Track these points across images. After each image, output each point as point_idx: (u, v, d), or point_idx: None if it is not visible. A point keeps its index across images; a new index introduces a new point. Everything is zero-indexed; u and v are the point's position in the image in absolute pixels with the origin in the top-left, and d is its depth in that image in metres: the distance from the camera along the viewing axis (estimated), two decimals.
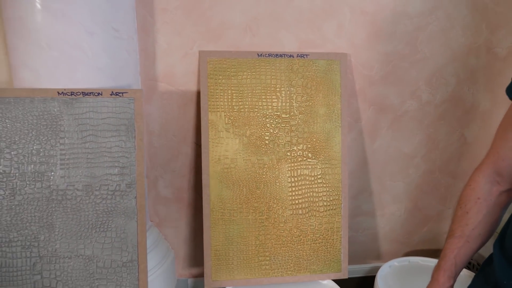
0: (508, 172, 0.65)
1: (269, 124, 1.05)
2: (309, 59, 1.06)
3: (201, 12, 0.99)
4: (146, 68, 1.01)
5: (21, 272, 0.84)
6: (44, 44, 0.83)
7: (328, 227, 1.09)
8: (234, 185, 1.05)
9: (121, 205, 0.87)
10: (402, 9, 1.07)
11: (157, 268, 1.04)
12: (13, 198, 0.84)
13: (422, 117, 1.19)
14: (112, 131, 0.86)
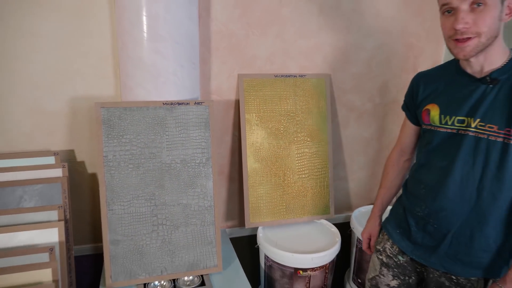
0: (406, 149, 1.31)
1: (282, 120, 1.67)
2: (306, 78, 1.70)
3: (239, 50, 1.59)
4: (204, 85, 1.58)
5: (144, 215, 1.38)
6: (154, 73, 1.37)
7: (321, 185, 1.74)
8: (261, 160, 1.66)
9: (203, 171, 1.44)
10: (362, 45, 1.74)
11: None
12: (138, 170, 1.37)
13: (375, 114, 1.87)
14: (196, 126, 1.43)
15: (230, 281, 1.43)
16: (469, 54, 1.00)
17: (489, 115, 1.02)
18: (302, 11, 1.61)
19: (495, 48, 1.01)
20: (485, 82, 1.03)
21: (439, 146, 1.12)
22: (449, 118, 1.09)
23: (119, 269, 1.37)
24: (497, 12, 0.95)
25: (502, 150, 1.00)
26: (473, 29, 0.96)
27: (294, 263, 1.49)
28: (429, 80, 1.19)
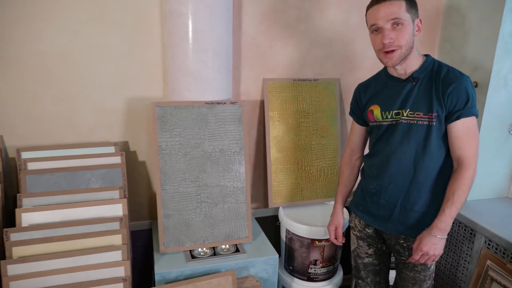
0: (356, 148, 1.61)
1: (300, 117, 2.01)
2: (319, 82, 2.04)
3: (264, 58, 1.93)
4: (235, 88, 1.92)
5: (190, 194, 1.71)
6: (198, 78, 1.70)
7: (331, 172, 2.07)
8: (282, 150, 2.00)
9: (237, 159, 1.77)
10: (366, 54, 2.09)
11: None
12: (186, 157, 1.70)
13: None
14: (232, 122, 1.76)
15: (259, 248, 1.76)
16: (395, 62, 1.35)
17: (415, 105, 1.37)
18: (315, 26, 1.95)
19: (412, 56, 1.37)
20: (409, 81, 1.40)
21: (383, 136, 1.47)
22: (388, 113, 1.44)
23: (170, 238, 1.70)
24: (411, 29, 1.32)
25: (427, 131, 1.35)
26: (395, 43, 1.31)
27: (311, 234, 1.83)
28: (367, 88, 1.55)
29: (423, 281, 1.48)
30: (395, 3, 1.31)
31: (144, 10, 1.71)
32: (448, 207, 1.32)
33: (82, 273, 1.46)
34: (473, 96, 1.34)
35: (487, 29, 1.89)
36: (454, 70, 1.36)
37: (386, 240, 1.54)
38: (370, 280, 1.65)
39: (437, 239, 1.33)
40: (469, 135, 1.32)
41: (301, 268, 1.92)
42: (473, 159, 1.33)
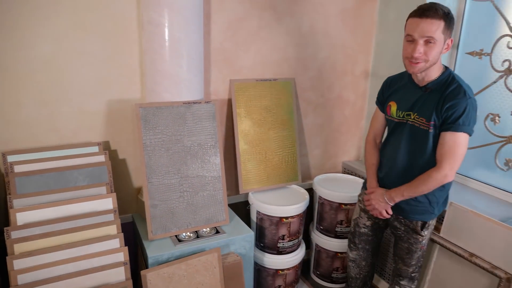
0: (378, 133, 1.93)
1: (263, 112, 2.32)
2: (278, 81, 2.37)
3: (231, 62, 2.20)
4: (206, 88, 2.17)
5: (173, 185, 1.93)
6: (176, 81, 1.93)
7: (291, 159, 2.42)
8: (249, 143, 2.29)
9: (213, 151, 2.03)
10: (315, 56, 2.46)
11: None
12: (168, 152, 1.92)
13: (326, 106, 2.61)
14: (207, 119, 2.01)
15: (235, 229, 2.05)
16: (417, 72, 1.61)
17: (421, 111, 1.65)
18: (274, 33, 2.27)
19: (433, 68, 1.60)
20: (423, 89, 1.66)
21: (393, 131, 1.80)
22: (401, 112, 1.74)
23: (157, 226, 1.91)
24: (441, 48, 1.53)
25: (426, 135, 1.65)
26: (423, 57, 1.53)
27: (279, 213, 2.16)
28: (392, 84, 1.84)
29: (414, 252, 1.83)
30: (435, 22, 1.48)
31: (122, 19, 1.89)
32: (406, 187, 1.68)
33: (86, 262, 1.63)
34: (469, 116, 1.55)
35: None
36: (460, 89, 1.56)
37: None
38: (361, 247, 2.02)
39: (383, 200, 1.73)
40: (454, 147, 1.57)
41: (271, 244, 2.24)
42: (448, 165, 1.58)
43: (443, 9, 1.53)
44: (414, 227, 1.79)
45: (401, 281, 1.94)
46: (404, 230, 1.84)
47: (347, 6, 2.43)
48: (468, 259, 1.92)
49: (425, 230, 1.79)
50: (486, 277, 1.87)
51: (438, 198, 1.75)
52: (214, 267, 1.86)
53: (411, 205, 1.75)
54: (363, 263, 2.09)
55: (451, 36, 1.58)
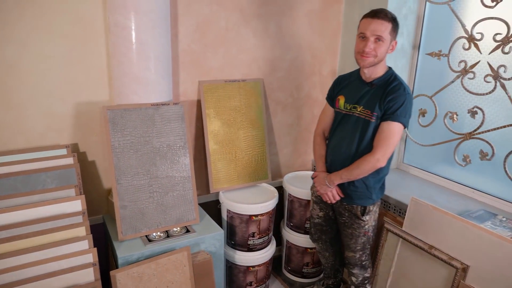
0: (326, 127, 2.09)
1: (232, 113, 2.39)
2: (247, 82, 2.43)
3: (199, 63, 2.25)
4: (175, 90, 2.22)
5: (143, 186, 1.98)
6: (144, 83, 1.97)
7: (261, 158, 2.50)
8: (219, 142, 2.36)
9: (182, 152, 2.08)
10: (284, 57, 2.54)
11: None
12: (137, 153, 1.96)
13: (295, 106, 2.70)
14: (176, 120, 2.06)
15: (206, 227, 2.11)
16: (367, 65, 1.83)
17: (367, 104, 1.86)
18: (241, 35, 2.34)
19: (379, 66, 1.85)
20: (369, 85, 1.88)
21: (340, 122, 1.97)
22: (348, 105, 1.93)
23: (127, 226, 1.96)
24: (387, 47, 1.79)
25: (369, 125, 1.84)
26: (373, 53, 1.77)
27: (249, 211, 2.23)
28: (342, 81, 2.04)
29: (358, 236, 2.00)
30: (385, 23, 1.74)
31: (88, 22, 1.91)
32: (344, 170, 1.88)
33: (54, 264, 1.66)
34: (406, 109, 1.78)
35: None
36: (400, 86, 1.80)
37: (333, 204, 2.01)
38: (317, 237, 2.22)
39: (325, 182, 1.93)
40: (389, 135, 1.79)
41: (241, 241, 2.32)
42: (381, 151, 1.79)
43: (392, 14, 1.78)
44: (356, 212, 1.96)
45: (352, 270, 2.09)
46: (348, 216, 2.00)
47: (314, 7, 2.52)
48: (428, 251, 2.04)
49: (366, 216, 1.96)
50: (444, 267, 2.00)
51: (373, 184, 1.93)
52: (184, 266, 1.92)
53: (351, 191, 1.94)
54: (326, 253, 2.25)
55: (395, 39, 1.83)
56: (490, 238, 1.81)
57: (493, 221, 1.99)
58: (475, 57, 2.16)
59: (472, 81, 2.20)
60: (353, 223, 2.00)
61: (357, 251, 2.04)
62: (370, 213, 1.98)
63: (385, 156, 1.82)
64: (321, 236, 2.21)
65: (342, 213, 2.02)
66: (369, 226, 2.01)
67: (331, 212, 2.11)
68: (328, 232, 2.20)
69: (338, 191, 1.95)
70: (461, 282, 1.90)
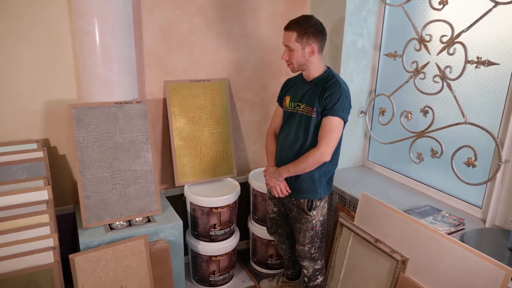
0: (277, 126, 2.23)
1: (197, 111, 2.56)
2: (212, 82, 2.60)
3: (164, 64, 2.43)
4: (141, 89, 2.40)
5: (106, 178, 2.17)
6: (107, 83, 2.16)
7: (226, 154, 2.66)
8: (184, 139, 2.53)
9: (144, 147, 2.27)
10: (249, 58, 2.69)
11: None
12: (100, 148, 2.16)
13: (262, 104, 2.85)
14: (138, 117, 2.25)
15: (166, 218, 2.29)
16: (293, 71, 2.03)
17: (308, 101, 2.01)
18: (205, 36, 2.51)
19: (312, 68, 2.01)
20: (310, 84, 2.04)
21: (287, 120, 2.12)
22: (293, 103, 2.09)
23: (91, 215, 2.16)
24: (299, 53, 1.93)
25: (311, 121, 1.99)
26: (289, 60, 1.99)
27: (209, 203, 2.41)
28: (289, 83, 2.20)
29: (306, 230, 2.15)
30: (288, 33, 1.93)
31: (55, 27, 2.11)
32: (291, 164, 2.02)
33: (17, 247, 1.87)
34: (343, 104, 1.91)
35: (335, 39, 2.60)
36: (337, 83, 1.94)
37: (283, 199, 2.17)
38: (273, 230, 2.39)
39: (274, 176, 2.08)
40: (330, 129, 1.92)
41: (204, 232, 2.49)
42: (325, 145, 1.92)
43: (298, 23, 1.92)
44: (303, 207, 2.10)
45: (303, 262, 2.23)
46: (296, 211, 2.15)
47: (277, 10, 2.67)
48: (374, 244, 2.17)
49: (313, 211, 2.10)
50: (388, 260, 2.13)
51: (319, 177, 2.06)
52: (141, 252, 2.10)
53: (299, 184, 2.07)
54: (283, 246, 2.41)
55: (310, 43, 1.93)
56: (426, 233, 1.93)
57: (435, 216, 2.11)
58: (425, 58, 2.28)
59: (424, 81, 2.31)
60: (301, 218, 2.14)
61: (306, 244, 2.18)
62: (317, 208, 2.12)
63: (328, 150, 1.95)
64: (277, 229, 2.37)
65: (292, 208, 2.17)
66: (316, 221, 2.15)
67: (283, 207, 2.27)
68: (283, 227, 2.35)
69: (286, 186, 2.09)
70: (401, 274, 2.03)
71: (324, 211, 2.18)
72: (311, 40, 1.93)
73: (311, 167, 2.00)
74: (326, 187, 2.13)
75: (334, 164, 2.12)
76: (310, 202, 2.09)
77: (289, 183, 2.09)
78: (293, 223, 2.21)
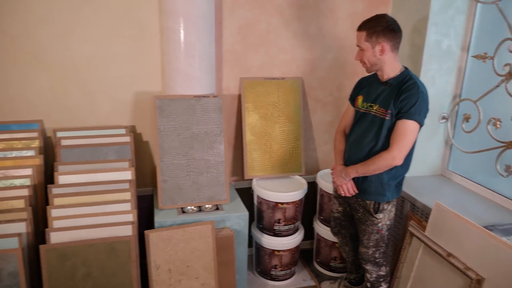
0: (347, 125, 2.23)
1: (270, 108, 2.65)
2: (286, 80, 2.67)
3: (241, 61, 2.57)
4: (218, 85, 2.56)
5: (182, 165, 2.36)
6: (188, 78, 2.35)
7: (295, 152, 2.71)
8: (255, 134, 2.64)
9: (218, 139, 2.42)
10: (324, 57, 2.70)
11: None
12: (178, 137, 2.36)
13: (335, 104, 2.84)
14: (214, 111, 2.41)
15: (234, 208, 2.41)
16: (367, 71, 2.03)
17: (382, 102, 1.97)
18: (281, 35, 2.59)
19: (385, 67, 1.96)
20: (384, 84, 2.00)
21: (358, 121, 2.11)
22: (366, 104, 2.07)
23: (166, 198, 2.36)
24: (370, 53, 1.92)
25: (382, 123, 1.95)
26: (362, 60, 1.99)
27: (275, 198, 2.47)
28: (363, 82, 2.18)
29: (371, 233, 2.10)
30: (359, 33, 1.95)
31: (147, 26, 2.36)
32: (361, 165, 1.99)
33: (103, 218, 2.13)
34: (420, 107, 1.85)
35: (417, 39, 2.49)
36: (414, 84, 1.88)
37: (349, 199, 2.16)
38: (337, 230, 2.37)
39: (341, 174, 2.06)
40: (404, 132, 1.87)
41: (268, 226, 2.56)
42: (397, 149, 1.88)
43: (368, 22, 1.91)
44: (369, 209, 2.06)
45: (366, 265, 2.16)
46: (362, 212, 2.11)
47: (357, 10, 2.64)
48: (446, 258, 2.05)
49: (379, 213, 2.04)
50: (461, 277, 1.99)
51: (387, 180, 2.00)
52: (208, 237, 2.25)
53: (366, 185, 2.03)
54: (346, 248, 2.37)
55: (380, 42, 1.90)
56: (507, 252, 1.77)
57: None
58: None
59: None
60: (366, 220, 2.10)
61: (370, 247, 2.13)
62: (384, 212, 2.06)
63: (401, 154, 1.89)
64: (340, 230, 2.35)
65: (357, 208, 2.13)
66: (382, 225, 2.08)
67: (348, 207, 2.24)
68: (347, 227, 2.32)
69: (353, 186, 2.07)
70: None
71: (392, 216, 2.11)
72: (380, 39, 1.89)
73: (380, 170, 1.96)
74: (395, 191, 2.07)
75: (405, 168, 2.04)
76: (377, 204, 2.04)
77: (356, 183, 2.07)
78: (358, 224, 2.17)
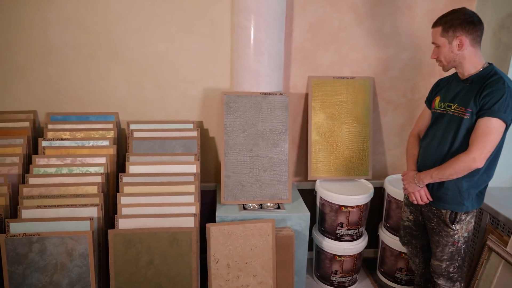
0: (422, 129, 2.08)
1: (338, 108, 2.58)
2: (356, 79, 2.58)
3: (310, 60, 2.53)
4: (285, 82, 2.55)
5: (245, 162, 2.39)
6: (256, 75, 2.37)
7: (362, 155, 2.61)
8: (321, 134, 2.58)
9: (283, 137, 2.40)
10: (398, 56, 2.58)
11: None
12: (244, 133, 2.38)
13: (408, 107, 2.69)
14: (280, 108, 2.40)
15: (295, 208, 2.38)
16: (443, 69, 1.89)
17: (461, 101, 1.82)
18: (354, 33, 2.51)
19: (467, 64, 1.81)
20: (465, 82, 1.84)
21: (434, 122, 1.96)
22: (443, 103, 1.92)
23: (229, 193, 2.39)
24: (447, 49, 1.80)
25: (460, 123, 1.79)
26: (438, 58, 1.87)
27: (339, 201, 2.40)
28: (442, 83, 2.04)
29: (445, 245, 1.93)
30: (434, 30, 1.85)
31: (218, 23, 2.42)
32: (435, 169, 1.84)
33: (167, 208, 2.20)
34: (506, 104, 1.67)
35: (505, 36, 2.28)
36: (500, 79, 1.71)
37: (422, 207, 2.02)
38: (406, 240, 2.21)
39: (413, 180, 1.93)
40: (486, 131, 1.70)
41: (330, 229, 2.49)
42: (477, 150, 1.70)
43: (443, 17, 1.80)
44: (444, 219, 1.89)
45: (438, 280, 1.99)
46: (436, 222, 1.95)
47: (437, 6, 2.48)
48: None
49: (456, 224, 1.87)
50: None
51: (467, 188, 1.83)
52: (268, 235, 2.23)
53: (442, 193, 1.88)
54: (416, 259, 2.20)
55: (457, 36, 1.77)
56: None
57: None
58: None
59: None
60: (441, 230, 1.94)
61: (444, 260, 1.97)
62: (462, 223, 1.89)
63: (482, 156, 1.71)
64: (410, 240, 2.19)
65: (431, 217, 1.98)
66: (459, 237, 1.91)
67: (420, 216, 2.09)
68: (418, 238, 2.16)
69: (426, 193, 1.93)
70: None
71: (470, 227, 1.92)
72: (458, 32, 1.75)
73: (458, 174, 1.79)
74: (476, 201, 1.88)
75: (490, 175, 1.86)
76: (453, 214, 1.88)
77: (431, 190, 1.92)
78: (431, 234, 2.02)
